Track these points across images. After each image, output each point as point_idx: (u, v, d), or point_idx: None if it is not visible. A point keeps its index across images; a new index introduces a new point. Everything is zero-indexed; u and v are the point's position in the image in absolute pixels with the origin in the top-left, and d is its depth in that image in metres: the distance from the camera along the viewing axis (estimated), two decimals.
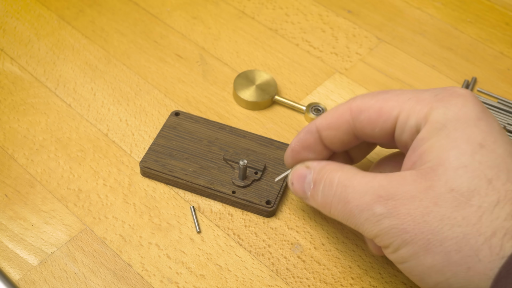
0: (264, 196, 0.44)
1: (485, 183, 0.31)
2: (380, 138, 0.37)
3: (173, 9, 0.59)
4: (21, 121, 0.48)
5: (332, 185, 0.36)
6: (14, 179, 0.45)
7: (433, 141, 0.33)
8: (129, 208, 0.44)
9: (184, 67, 0.54)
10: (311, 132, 0.39)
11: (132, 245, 0.42)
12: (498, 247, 0.30)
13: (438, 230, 0.31)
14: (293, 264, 0.41)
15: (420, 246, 0.32)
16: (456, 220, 0.31)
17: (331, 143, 0.39)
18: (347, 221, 0.35)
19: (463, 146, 0.32)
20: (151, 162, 0.45)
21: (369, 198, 0.34)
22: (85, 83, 0.52)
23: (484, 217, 0.31)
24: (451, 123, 0.33)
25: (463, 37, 0.58)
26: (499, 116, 0.51)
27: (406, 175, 0.33)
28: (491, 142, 0.32)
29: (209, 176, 0.44)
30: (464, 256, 0.31)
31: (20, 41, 0.55)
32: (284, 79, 0.53)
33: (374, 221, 0.33)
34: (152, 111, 0.50)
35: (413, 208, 0.32)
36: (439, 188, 0.32)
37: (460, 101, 0.34)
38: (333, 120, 0.38)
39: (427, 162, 0.33)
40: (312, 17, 0.59)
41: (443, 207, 0.32)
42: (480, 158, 0.32)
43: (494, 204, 0.31)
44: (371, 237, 0.34)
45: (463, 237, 0.31)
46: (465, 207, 0.31)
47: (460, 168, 0.32)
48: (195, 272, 0.41)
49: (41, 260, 0.41)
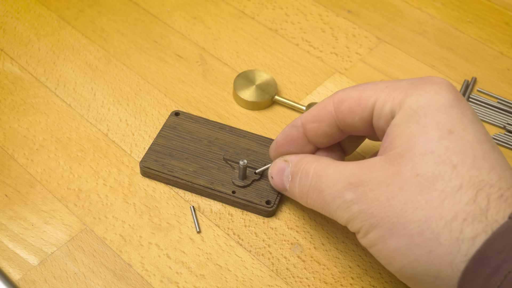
0: (264, 196, 0.44)
1: (450, 168, 0.32)
2: (361, 127, 0.38)
3: (173, 9, 0.59)
4: (21, 121, 0.48)
5: (308, 176, 0.37)
6: (14, 179, 0.45)
7: (403, 127, 0.34)
8: (129, 208, 0.44)
9: (184, 67, 0.54)
10: (295, 126, 0.40)
11: (132, 245, 0.42)
12: (458, 231, 0.31)
13: (402, 213, 0.32)
14: (293, 264, 0.41)
15: (385, 230, 0.33)
16: (419, 203, 0.32)
17: (316, 136, 0.39)
18: (322, 209, 0.37)
19: (432, 132, 0.33)
20: (151, 162, 0.45)
21: (341, 185, 0.35)
22: (85, 83, 0.52)
23: (446, 201, 0.31)
24: (422, 110, 0.33)
25: (463, 37, 0.58)
26: (498, 116, 0.51)
27: (375, 161, 0.34)
28: (460, 129, 0.33)
29: (209, 176, 0.44)
30: (425, 239, 0.31)
31: (20, 41, 0.55)
32: (284, 79, 0.53)
33: (345, 207, 0.35)
34: (152, 111, 0.50)
35: (380, 193, 0.33)
36: (405, 173, 0.33)
37: (433, 89, 0.34)
38: (316, 113, 0.39)
39: (396, 147, 0.34)
40: (312, 17, 0.59)
41: (408, 191, 0.32)
42: (448, 144, 0.32)
43: (457, 189, 0.31)
44: (344, 223, 0.35)
45: (425, 221, 0.32)
46: (428, 191, 0.32)
47: (426, 154, 0.32)
48: (195, 272, 0.41)
49: (41, 260, 0.41)
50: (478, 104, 0.52)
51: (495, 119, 0.51)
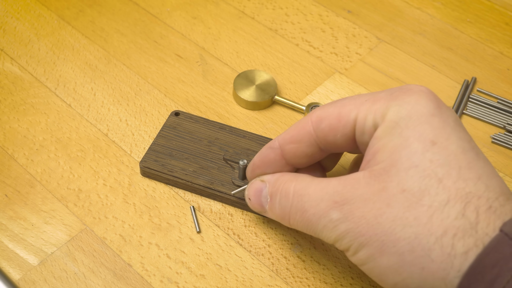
0: None
1: (436, 182, 0.31)
2: (344, 144, 0.37)
3: (173, 9, 0.59)
4: (21, 121, 0.48)
5: (288, 196, 0.36)
6: (14, 179, 0.45)
7: (386, 140, 0.33)
8: (129, 208, 0.44)
9: (184, 67, 0.54)
10: (272, 148, 0.39)
11: (132, 245, 0.42)
12: (450, 247, 0.30)
13: (391, 231, 0.32)
14: (293, 264, 0.41)
15: (375, 248, 0.32)
16: (408, 220, 0.31)
17: (294, 157, 0.38)
18: (307, 229, 0.36)
19: (415, 144, 0.32)
20: (151, 162, 0.45)
21: (325, 205, 0.34)
22: (85, 83, 0.52)
23: (435, 216, 0.31)
24: (403, 121, 0.33)
25: (463, 37, 0.58)
26: (498, 116, 0.51)
27: (359, 177, 0.33)
28: (443, 139, 0.32)
29: (209, 176, 0.45)
30: (417, 256, 0.31)
31: (20, 41, 0.55)
32: (284, 79, 0.53)
33: (331, 227, 0.34)
34: (152, 111, 0.50)
35: (367, 211, 0.32)
36: (391, 189, 0.32)
37: (413, 99, 0.33)
38: (294, 133, 0.38)
39: (380, 162, 0.33)
40: (312, 17, 0.59)
41: (395, 208, 0.32)
42: (431, 156, 0.32)
43: (445, 203, 0.31)
44: (331, 242, 0.35)
45: (415, 237, 0.31)
46: (416, 207, 0.31)
47: (411, 168, 0.32)
48: (195, 272, 0.41)
49: (41, 260, 0.41)
50: (478, 104, 0.52)
51: (495, 119, 0.51)
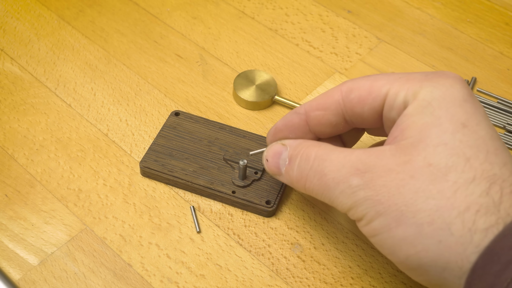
0: (264, 196, 0.44)
1: (463, 160, 0.32)
2: (369, 118, 0.37)
3: (173, 9, 0.59)
4: (21, 121, 0.48)
5: (309, 159, 0.36)
6: (14, 179, 0.45)
7: (416, 118, 0.33)
8: (129, 208, 0.44)
9: (184, 67, 0.54)
10: (297, 113, 0.39)
11: (132, 245, 0.42)
12: (471, 222, 0.30)
13: (412, 202, 0.32)
14: (293, 264, 0.41)
15: (392, 218, 0.32)
16: (431, 193, 0.31)
17: (319, 125, 0.39)
18: (322, 194, 0.36)
19: (446, 124, 0.33)
20: (151, 162, 0.45)
21: (346, 171, 0.34)
22: (85, 83, 0.52)
23: (459, 192, 0.31)
24: (436, 102, 0.33)
25: (463, 37, 0.58)
26: (498, 116, 0.51)
27: (385, 149, 0.34)
28: (474, 124, 0.33)
29: (209, 176, 0.44)
30: (436, 228, 0.31)
31: (20, 41, 0.55)
32: (284, 79, 0.53)
33: (349, 193, 0.34)
34: (152, 111, 0.50)
35: (389, 180, 0.32)
36: (417, 162, 0.32)
37: (448, 82, 0.34)
38: (322, 101, 0.38)
39: (409, 137, 0.33)
40: (312, 17, 0.59)
41: (419, 180, 0.32)
42: (461, 137, 0.32)
43: (470, 181, 0.31)
44: (345, 210, 0.34)
45: (437, 210, 0.31)
46: (441, 181, 0.31)
47: (440, 145, 0.32)
48: (195, 272, 0.41)
49: (41, 260, 0.41)
50: None
51: (495, 119, 0.51)
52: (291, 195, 0.45)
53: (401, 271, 0.41)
